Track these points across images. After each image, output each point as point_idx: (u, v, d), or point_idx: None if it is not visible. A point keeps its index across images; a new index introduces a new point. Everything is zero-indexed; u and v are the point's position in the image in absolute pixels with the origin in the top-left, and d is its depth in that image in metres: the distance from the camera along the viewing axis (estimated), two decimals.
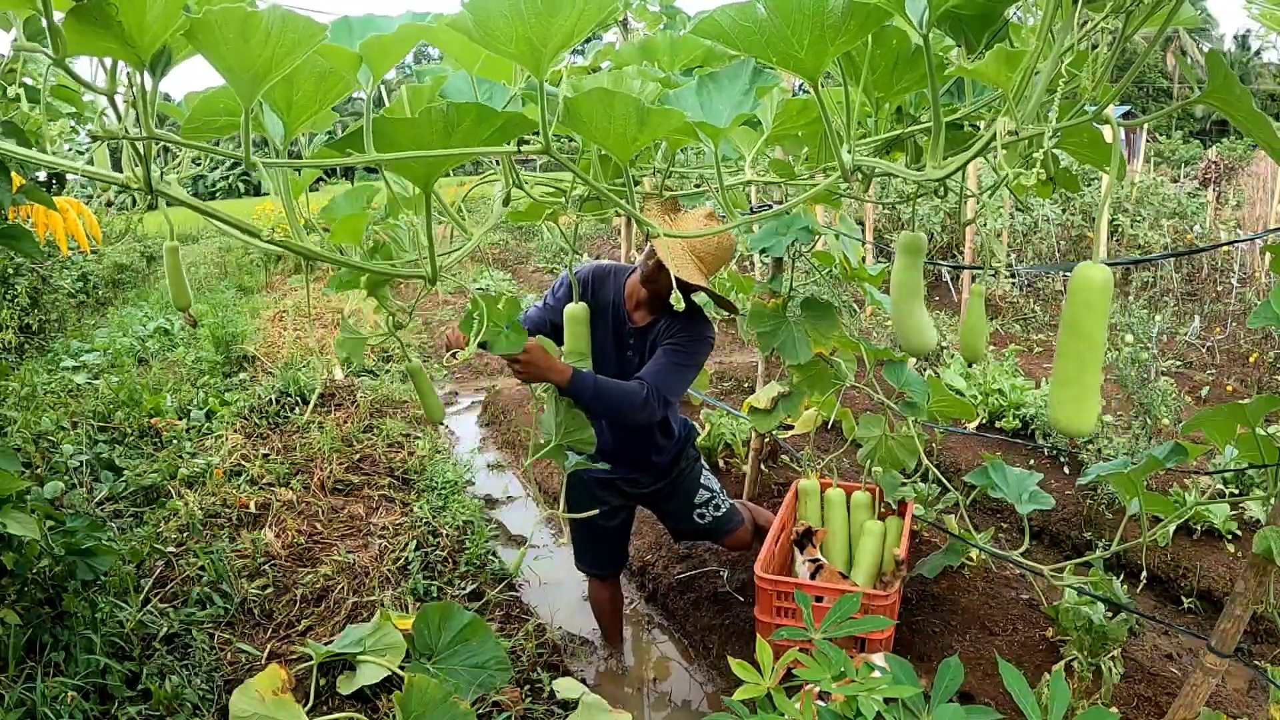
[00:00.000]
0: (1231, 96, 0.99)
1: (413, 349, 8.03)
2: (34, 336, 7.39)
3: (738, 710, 1.27)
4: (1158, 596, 3.65)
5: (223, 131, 1.09)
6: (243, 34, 0.82)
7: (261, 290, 11.47)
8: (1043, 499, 2.69)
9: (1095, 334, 1.09)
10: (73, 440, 4.52)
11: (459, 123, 1.02)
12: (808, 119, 1.46)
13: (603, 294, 2.69)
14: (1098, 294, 1.08)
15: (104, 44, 0.82)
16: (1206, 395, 5.75)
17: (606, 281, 2.72)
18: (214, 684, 2.76)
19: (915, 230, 1.76)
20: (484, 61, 1.26)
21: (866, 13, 1.00)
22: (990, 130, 1.08)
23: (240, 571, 3.47)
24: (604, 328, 2.66)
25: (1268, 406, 1.83)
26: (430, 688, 2.04)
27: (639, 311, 2.68)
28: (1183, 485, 3.98)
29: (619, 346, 2.68)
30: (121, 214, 9.11)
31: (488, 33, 0.95)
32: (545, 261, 12.91)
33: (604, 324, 2.66)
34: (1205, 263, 8.94)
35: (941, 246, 9.88)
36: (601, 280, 2.72)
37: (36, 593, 2.61)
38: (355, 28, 1.16)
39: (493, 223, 1.37)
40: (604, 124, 1.11)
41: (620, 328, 2.68)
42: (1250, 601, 1.87)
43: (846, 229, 3.08)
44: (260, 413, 5.45)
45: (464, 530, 4.09)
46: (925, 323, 1.77)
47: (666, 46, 1.66)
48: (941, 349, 6.17)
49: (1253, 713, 2.70)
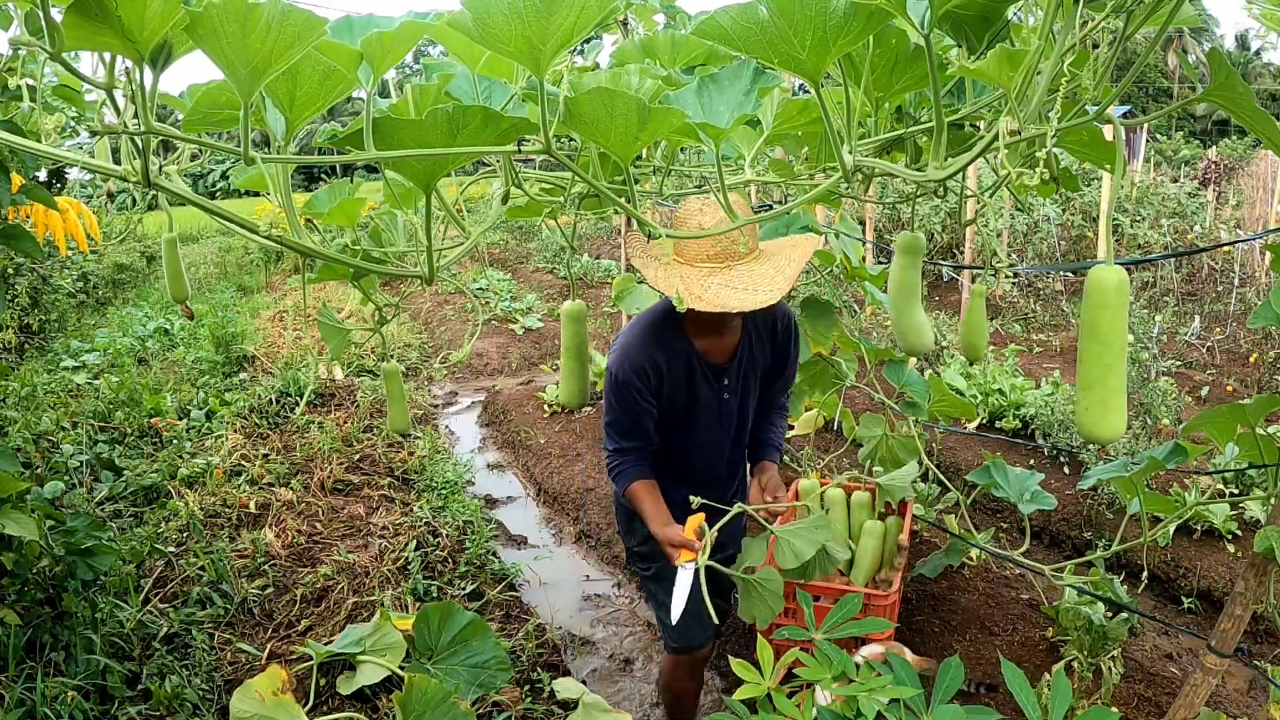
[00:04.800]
0: (1234, 94, 0.99)
1: (412, 349, 8.04)
2: (34, 336, 7.39)
3: (738, 710, 1.27)
4: (1158, 596, 3.65)
5: (225, 125, 1.09)
6: (243, 28, 0.82)
7: (261, 290, 11.47)
8: (1045, 499, 2.69)
9: (1115, 336, 1.07)
10: (73, 440, 4.52)
11: (464, 125, 1.02)
12: (808, 119, 1.46)
13: (673, 353, 2.07)
14: (1114, 295, 1.05)
15: (103, 39, 0.82)
16: (1206, 395, 5.75)
17: (668, 336, 2.09)
18: (214, 684, 2.76)
19: (915, 230, 1.76)
20: (487, 59, 1.26)
21: (868, 14, 1.00)
22: (993, 130, 1.08)
23: (240, 571, 3.47)
24: (692, 384, 2.10)
25: (1268, 406, 1.83)
26: (430, 688, 2.04)
27: (706, 342, 2.09)
28: (1183, 485, 3.98)
29: (714, 392, 2.14)
30: (121, 214, 9.09)
31: (487, 31, 0.95)
32: (545, 261, 12.91)
33: (689, 379, 2.10)
34: (1205, 263, 8.93)
35: (942, 246, 9.88)
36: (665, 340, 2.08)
37: (36, 593, 2.61)
38: (357, 26, 1.16)
39: (491, 221, 1.37)
40: (605, 123, 1.11)
41: (706, 374, 2.11)
42: (1250, 601, 1.87)
43: (846, 228, 3.07)
44: (260, 413, 5.45)
45: (464, 530, 4.09)
46: (923, 323, 1.77)
47: (667, 45, 1.66)
48: (942, 349, 6.17)
49: (1253, 713, 2.70)
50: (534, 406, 6.15)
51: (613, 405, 2.08)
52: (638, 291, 3.22)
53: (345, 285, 2.08)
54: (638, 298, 3.20)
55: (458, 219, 1.35)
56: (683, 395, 2.11)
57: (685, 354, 2.07)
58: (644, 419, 2.08)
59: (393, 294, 8.06)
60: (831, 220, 3.27)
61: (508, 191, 1.39)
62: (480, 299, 10.04)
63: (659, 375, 2.04)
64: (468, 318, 9.37)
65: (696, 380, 2.09)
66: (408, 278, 1.33)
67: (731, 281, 1.71)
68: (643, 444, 2.13)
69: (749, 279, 1.71)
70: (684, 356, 2.07)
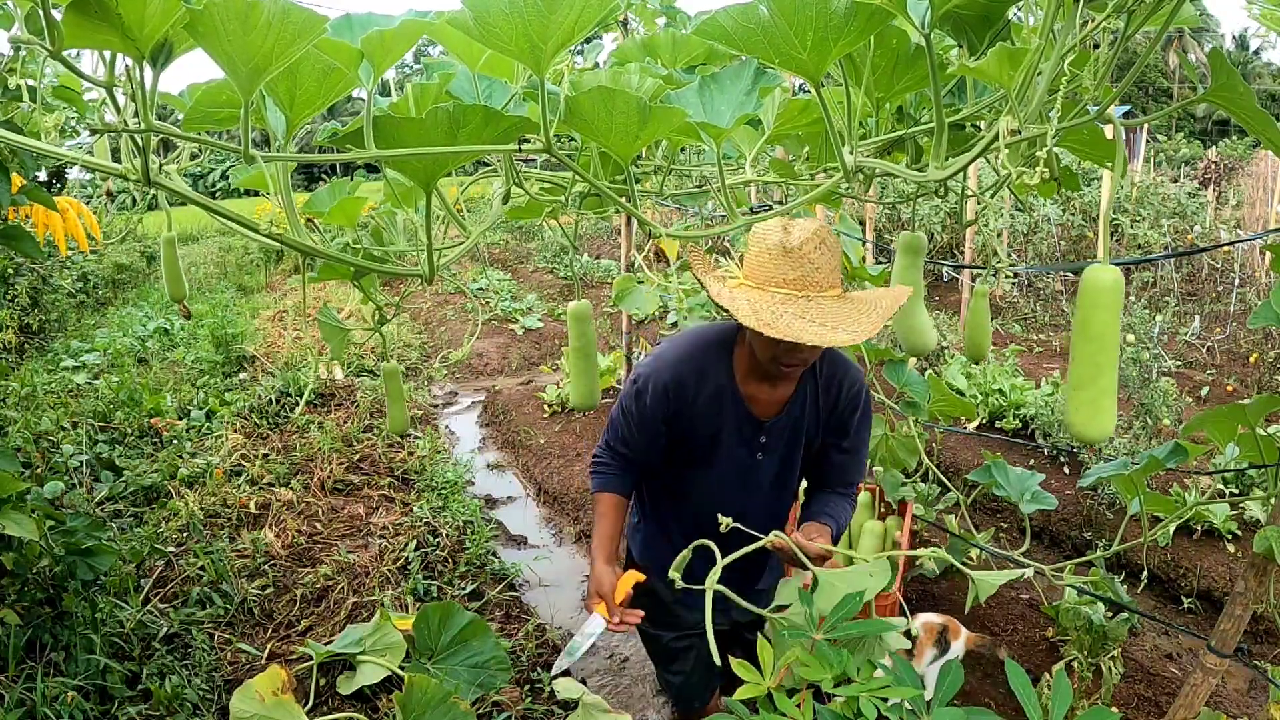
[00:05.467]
0: (1234, 94, 0.99)
1: (412, 349, 8.04)
2: (34, 336, 7.39)
3: (737, 710, 1.26)
4: (1158, 596, 3.65)
5: (225, 124, 1.08)
6: (244, 25, 0.82)
7: (261, 290, 11.47)
8: (1045, 498, 2.69)
9: (1107, 336, 1.05)
10: (73, 440, 4.52)
11: (465, 124, 1.02)
12: (809, 119, 1.46)
13: (709, 383, 1.79)
14: (1107, 295, 1.04)
15: (103, 37, 0.82)
16: (1206, 395, 5.75)
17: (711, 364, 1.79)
18: (214, 684, 2.76)
19: (915, 230, 1.76)
20: (487, 58, 1.26)
21: (869, 14, 1.00)
22: (993, 129, 1.08)
23: (240, 571, 3.47)
24: (718, 425, 1.80)
25: (1268, 406, 1.83)
26: (430, 688, 2.03)
27: (754, 387, 1.78)
28: (1183, 485, 3.98)
29: (745, 446, 1.82)
30: (121, 214, 9.10)
31: (487, 30, 0.95)
32: (546, 261, 12.91)
33: (717, 416, 1.79)
34: (1205, 263, 8.94)
35: (942, 246, 9.88)
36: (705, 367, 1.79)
37: (36, 593, 2.60)
38: (357, 24, 1.16)
39: (491, 221, 1.37)
40: (605, 122, 1.11)
41: (742, 425, 1.80)
42: (1250, 601, 1.87)
43: (847, 228, 3.07)
44: (260, 413, 5.45)
45: (464, 530, 4.09)
46: (925, 323, 1.77)
47: (668, 44, 1.66)
48: (942, 349, 6.17)
49: (1253, 713, 2.70)
50: (534, 406, 6.15)
51: (624, 406, 1.87)
52: (638, 292, 3.22)
53: (345, 285, 2.08)
54: (638, 298, 3.20)
55: (458, 218, 1.35)
56: (704, 435, 1.80)
57: (723, 390, 1.77)
58: (648, 435, 1.85)
59: (393, 294, 8.07)
60: (832, 220, 3.27)
61: (508, 191, 1.39)
62: (480, 299, 10.04)
63: (682, 401, 1.78)
64: (468, 318, 9.37)
65: (725, 424, 1.79)
66: (408, 276, 1.33)
67: (807, 313, 1.45)
68: (635, 457, 1.90)
69: (828, 315, 1.46)
70: (721, 393, 1.77)
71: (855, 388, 1.83)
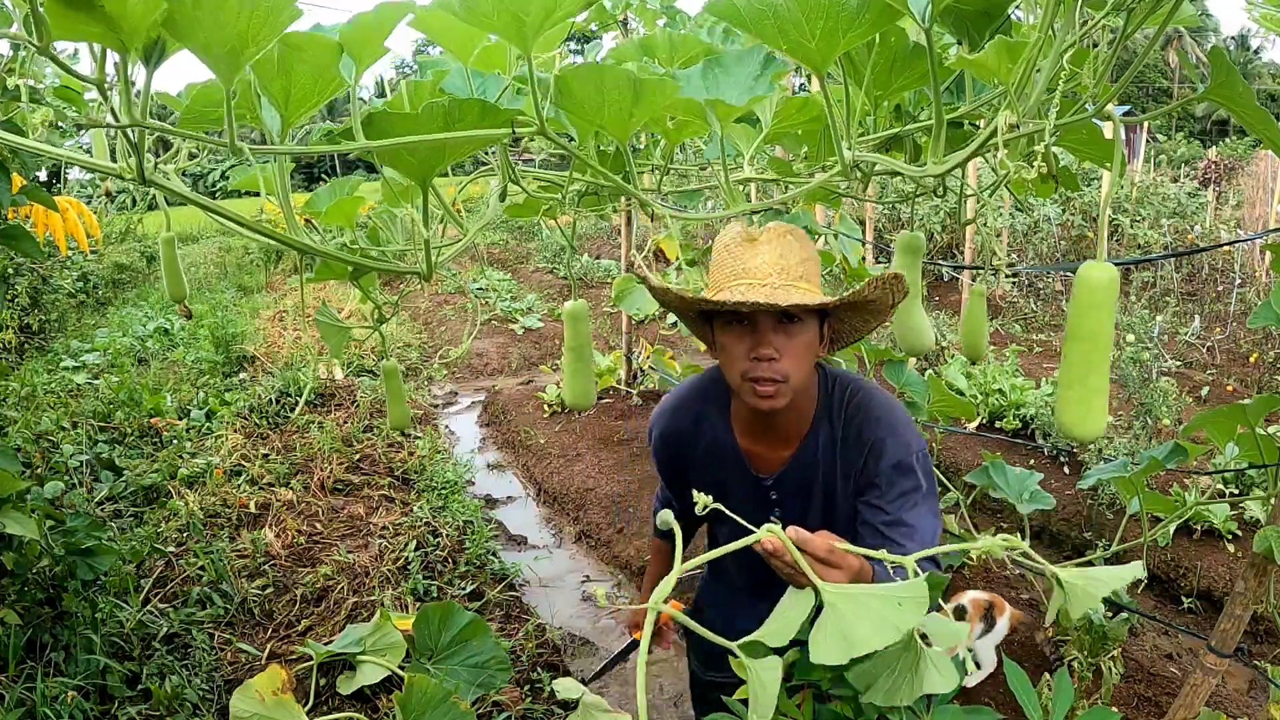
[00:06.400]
0: (1234, 93, 0.99)
1: (411, 349, 8.04)
2: (34, 336, 7.39)
3: (737, 710, 1.26)
4: (1158, 596, 3.65)
5: (220, 123, 1.08)
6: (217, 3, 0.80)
7: (261, 290, 11.48)
8: (1044, 498, 2.69)
9: (1101, 335, 1.04)
10: (73, 440, 4.52)
11: (460, 118, 1.01)
12: (807, 117, 1.45)
13: (704, 435, 1.66)
14: (1102, 293, 1.03)
15: (86, 28, 0.81)
16: (1206, 395, 5.75)
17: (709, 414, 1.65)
18: (214, 684, 2.76)
19: (914, 230, 1.76)
20: (479, 53, 1.25)
21: (880, 9, 0.99)
22: (991, 125, 1.08)
23: (240, 571, 3.47)
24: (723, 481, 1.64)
25: (1268, 406, 1.83)
26: (430, 688, 2.03)
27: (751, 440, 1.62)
28: (1183, 485, 3.98)
29: (753, 504, 1.62)
30: (121, 214, 9.10)
31: (470, 8, 0.94)
32: (545, 261, 12.91)
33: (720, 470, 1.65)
34: (1205, 263, 8.93)
35: (941, 246, 9.88)
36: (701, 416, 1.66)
37: (36, 593, 2.60)
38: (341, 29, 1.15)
39: (489, 218, 1.37)
40: (596, 100, 1.09)
41: (747, 484, 1.64)
42: (1250, 601, 1.87)
43: (846, 228, 3.07)
44: (260, 413, 5.45)
45: (464, 530, 4.09)
46: (923, 323, 1.77)
47: (666, 44, 1.65)
48: (942, 349, 6.17)
49: (1253, 713, 2.69)
50: (534, 406, 6.15)
51: None
52: (638, 291, 3.21)
53: (345, 285, 2.07)
54: (638, 298, 3.19)
55: (454, 216, 1.35)
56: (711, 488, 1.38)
57: (721, 444, 1.63)
58: (668, 482, 1.79)
59: (392, 294, 8.06)
60: (831, 220, 3.27)
61: (505, 188, 1.39)
62: (480, 299, 10.04)
63: (683, 449, 1.67)
64: (468, 317, 9.37)
65: (729, 477, 1.64)
66: (407, 274, 1.32)
67: (755, 287, 1.34)
68: (676, 502, 1.81)
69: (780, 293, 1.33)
70: (719, 446, 1.63)
71: (882, 444, 1.51)
